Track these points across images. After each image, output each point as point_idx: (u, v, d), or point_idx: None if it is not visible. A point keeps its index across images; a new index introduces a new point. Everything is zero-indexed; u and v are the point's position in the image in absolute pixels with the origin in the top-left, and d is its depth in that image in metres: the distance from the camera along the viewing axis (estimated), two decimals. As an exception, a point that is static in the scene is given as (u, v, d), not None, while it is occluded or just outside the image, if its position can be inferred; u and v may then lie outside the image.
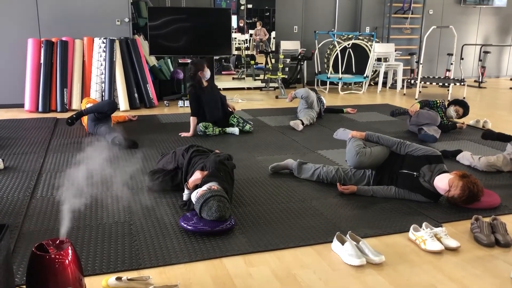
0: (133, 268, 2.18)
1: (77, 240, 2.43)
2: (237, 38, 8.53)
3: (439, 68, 9.87)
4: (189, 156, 3.11)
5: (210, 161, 2.91)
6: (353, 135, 3.34)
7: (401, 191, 3.07)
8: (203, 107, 4.78)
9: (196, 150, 3.18)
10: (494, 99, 7.64)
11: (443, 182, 2.88)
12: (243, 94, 7.70)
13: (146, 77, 6.39)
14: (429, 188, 2.98)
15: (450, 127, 5.02)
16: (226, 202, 2.58)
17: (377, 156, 3.18)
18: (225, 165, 2.93)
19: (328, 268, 2.22)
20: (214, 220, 2.55)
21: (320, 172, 3.38)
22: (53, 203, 2.95)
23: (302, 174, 3.47)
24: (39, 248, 1.76)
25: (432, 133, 4.60)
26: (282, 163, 3.62)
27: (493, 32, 10.22)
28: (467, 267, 2.25)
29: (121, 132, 4.51)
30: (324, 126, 5.34)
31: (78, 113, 4.62)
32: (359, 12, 9.03)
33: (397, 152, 3.18)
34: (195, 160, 3.07)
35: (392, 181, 3.13)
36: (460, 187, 2.81)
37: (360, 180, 3.26)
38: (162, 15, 6.41)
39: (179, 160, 3.17)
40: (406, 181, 3.04)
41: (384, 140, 3.23)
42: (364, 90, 8.26)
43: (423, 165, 3.00)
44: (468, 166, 3.80)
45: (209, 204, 2.54)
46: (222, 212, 2.54)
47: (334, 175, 3.31)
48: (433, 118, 4.74)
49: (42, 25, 6.14)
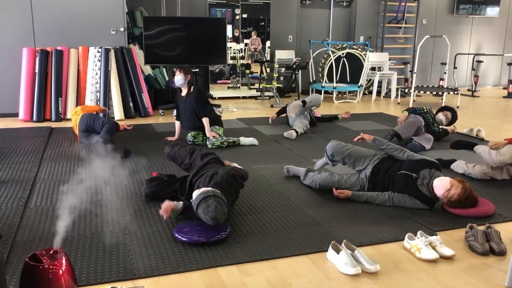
0: (128, 278, 2.17)
1: (71, 250, 2.41)
2: (232, 48, 8.57)
3: (432, 77, 9.95)
4: (207, 160, 3.12)
5: (224, 171, 2.89)
6: (362, 136, 3.39)
7: (395, 196, 3.07)
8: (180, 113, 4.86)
9: (214, 158, 3.19)
10: (487, 108, 7.70)
11: (445, 181, 2.92)
12: (238, 103, 7.72)
13: (141, 86, 6.39)
14: (426, 193, 2.99)
15: (443, 134, 5.06)
16: (224, 207, 2.57)
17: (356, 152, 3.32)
18: (236, 181, 2.90)
19: (324, 277, 2.22)
20: (207, 220, 2.53)
21: (315, 178, 3.40)
22: (47, 213, 2.93)
23: (305, 180, 3.52)
24: (33, 258, 1.74)
25: (423, 143, 4.62)
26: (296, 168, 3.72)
27: (485, 41, 10.33)
28: (462, 276, 2.25)
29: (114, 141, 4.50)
30: (318, 134, 5.35)
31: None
32: (353, 22, 9.10)
33: (398, 157, 3.22)
34: (210, 165, 3.07)
35: (387, 186, 3.14)
36: (461, 187, 2.88)
37: (354, 184, 3.28)
38: (157, 24, 6.43)
39: (196, 159, 3.17)
40: (403, 184, 3.04)
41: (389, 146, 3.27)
42: (358, 99, 8.30)
43: (423, 168, 3.03)
44: (462, 174, 3.83)
45: (208, 202, 2.53)
46: (218, 214, 2.52)
47: (329, 178, 3.34)
48: (416, 122, 4.77)
49: (37, 34, 6.14)
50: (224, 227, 2.64)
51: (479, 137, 5.29)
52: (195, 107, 4.68)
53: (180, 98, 4.81)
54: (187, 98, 4.72)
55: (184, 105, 4.76)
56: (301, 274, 2.24)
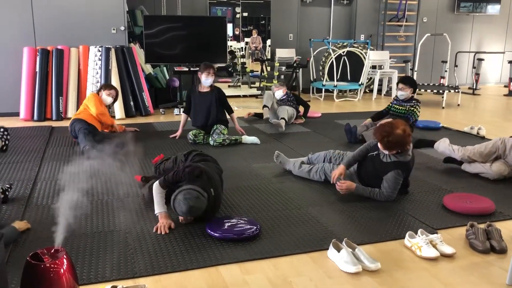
0: (129, 277, 2.17)
1: (72, 249, 2.42)
2: (233, 46, 8.56)
3: (433, 75, 9.93)
4: (191, 160, 3.14)
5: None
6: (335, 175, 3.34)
7: (384, 183, 3.13)
8: (192, 108, 4.89)
9: (197, 154, 3.20)
10: (488, 106, 7.70)
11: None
12: (239, 101, 7.72)
13: (142, 85, 6.40)
14: (389, 160, 3.11)
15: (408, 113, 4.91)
16: (195, 193, 2.56)
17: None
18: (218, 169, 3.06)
19: (324, 276, 2.22)
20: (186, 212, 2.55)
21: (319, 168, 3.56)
22: (48, 212, 2.94)
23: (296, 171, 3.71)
24: (34, 257, 1.75)
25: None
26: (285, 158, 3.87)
27: (486, 39, 10.31)
28: (463, 274, 2.25)
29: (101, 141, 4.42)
30: (319, 133, 5.35)
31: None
32: (354, 20, 9.09)
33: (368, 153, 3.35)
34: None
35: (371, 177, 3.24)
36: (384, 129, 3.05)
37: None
38: (158, 23, 6.43)
39: (180, 165, 3.17)
40: (374, 164, 3.18)
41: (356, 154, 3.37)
42: (359, 98, 8.30)
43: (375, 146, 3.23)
44: (476, 174, 3.77)
45: (177, 199, 2.55)
46: (190, 202, 2.52)
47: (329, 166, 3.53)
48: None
49: (37, 34, 6.14)
50: (254, 223, 2.66)
51: (480, 135, 5.28)
52: (215, 104, 4.78)
53: (196, 93, 4.84)
54: (207, 95, 4.79)
55: (201, 100, 4.80)
56: (302, 273, 2.25)
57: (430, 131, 5.55)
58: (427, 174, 3.84)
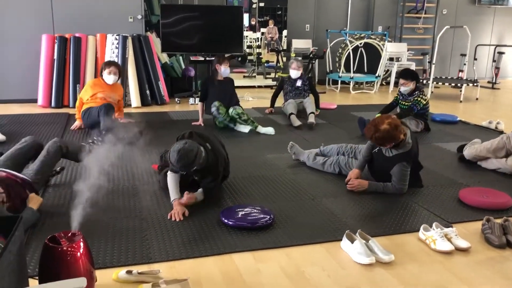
0: (144, 262, 2.20)
1: (89, 234, 2.45)
2: (249, 36, 8.53)
3: (451, 68, 9.78)
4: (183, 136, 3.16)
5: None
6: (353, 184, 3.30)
7: (393, 177, 3.13)
8: (208, 97, 5.08)
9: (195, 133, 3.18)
10: (508, 100, 7.55)
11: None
12: (254, 92, 7.70)
13: (158, 74, 6.42)
14: (391, 154, 3.10)
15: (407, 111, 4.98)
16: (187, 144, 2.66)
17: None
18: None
19: (337, 266, 2.22)
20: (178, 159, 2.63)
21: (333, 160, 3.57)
22: (65, 196, 2.98)
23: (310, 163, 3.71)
24: (52, 240, 1.78)
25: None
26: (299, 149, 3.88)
27: (508, 32, 10.10)
28: (477, 268, 2.23)
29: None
30: (334, 125, 5.32)
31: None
32: (372, 11, 8.98)
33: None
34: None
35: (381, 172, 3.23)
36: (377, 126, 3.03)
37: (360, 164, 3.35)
38: (175, 12, 6.43)
39: None
40: (380, 160, 3.19)
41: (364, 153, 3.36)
42: (375, 90, 8.22)
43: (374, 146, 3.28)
44: (493, 170, 3.73)
45: (170, 150, 2.69)
46: (181, 151, 2.63)
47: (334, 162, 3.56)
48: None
49: (56, 21, 6.20)
50: (267, 212, 2.67)
51: (498, 129, 5.20)
52: (233, 90, 5.19)
53: (213, 81, 5.11)
54: (225, 82, 5.15)
55: (221, 87, 5.08)
56: (315, 262, 2.25)
57: (447, 124, 5.48)
58: (443, 168, 3.80)
